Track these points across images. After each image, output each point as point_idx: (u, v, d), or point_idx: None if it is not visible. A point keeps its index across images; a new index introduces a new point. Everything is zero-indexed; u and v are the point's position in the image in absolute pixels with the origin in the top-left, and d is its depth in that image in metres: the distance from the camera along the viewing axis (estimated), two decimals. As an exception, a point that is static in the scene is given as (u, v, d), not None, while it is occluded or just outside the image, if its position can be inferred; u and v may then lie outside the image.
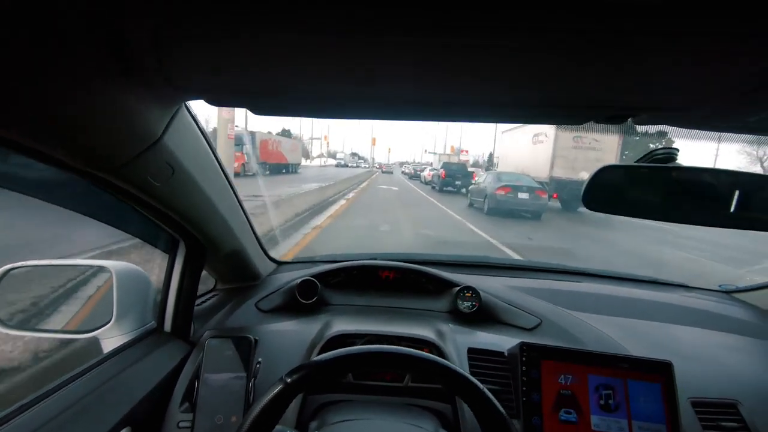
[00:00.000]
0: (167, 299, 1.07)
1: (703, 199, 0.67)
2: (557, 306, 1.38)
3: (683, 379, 0.97)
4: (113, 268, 1.01)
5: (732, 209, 0.63)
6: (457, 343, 1.11)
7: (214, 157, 0.90)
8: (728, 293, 1.62)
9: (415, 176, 37.09)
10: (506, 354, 1.07)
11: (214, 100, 0.58)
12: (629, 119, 0.50)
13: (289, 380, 0.65)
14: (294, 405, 0.96)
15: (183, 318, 1.09)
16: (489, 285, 1.44)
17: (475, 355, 1.08)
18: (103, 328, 1.00)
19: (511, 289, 1.45)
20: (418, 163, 66.43)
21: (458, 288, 1.37)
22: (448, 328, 1.20)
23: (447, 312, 1.37)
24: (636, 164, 0.69)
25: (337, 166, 50.46)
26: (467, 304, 1.35)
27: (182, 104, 0.67)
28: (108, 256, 2.70)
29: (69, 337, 1.00)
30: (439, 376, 0.67)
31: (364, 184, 22.41)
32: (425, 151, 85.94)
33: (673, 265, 7.01)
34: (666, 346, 1.23)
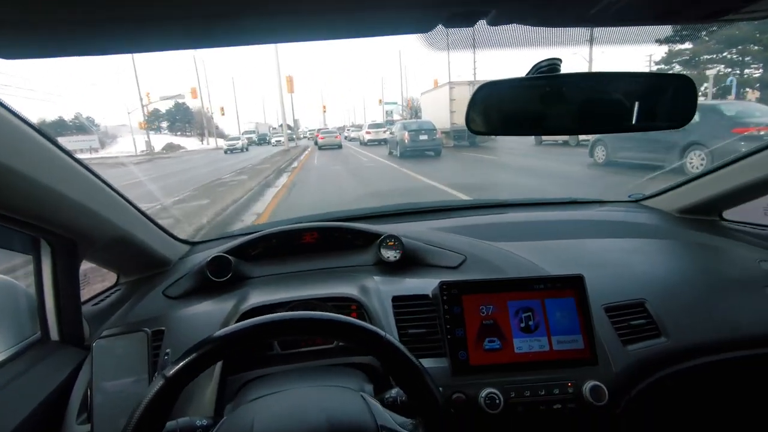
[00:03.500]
0: (44, 305, 0.94)
1: (590, 106, 0.64)
2: (482, 240, 1.39)
3: (596, 288, 1.00)
4: None
5: (618, 111, 0.61)
6: (381, 294, 1.08)
7: (23, 126, 0.73)
8: (637, 202, 1.72)
9: None
10: (431, 295, 1.06)
11: None
12: (482, 19, 0.44)
13: (168, 374, 0.58)
14: (211, 387, 0.89)
15: (70, 322, 0.96)
16: (413, 230, 1.41)
17: (400, 302, 1.06)
18: None
19: (435, 231, 1.44)
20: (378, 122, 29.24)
21: (381, 238, 1.33)
22: (373, 281, 1.16)
23: (373, 264, 1.34)
24: (517, 77, 0.65)
25: (227, 151, 29.81)
26: (392, 252, 1.32)
27: None
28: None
29: None
30: (336, 334, 0.63)
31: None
32: (380, 102, 54.27)
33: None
34: (581, 260, 1.28)
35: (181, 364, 0.58)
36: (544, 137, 16.31)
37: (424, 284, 1.12)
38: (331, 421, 0.64)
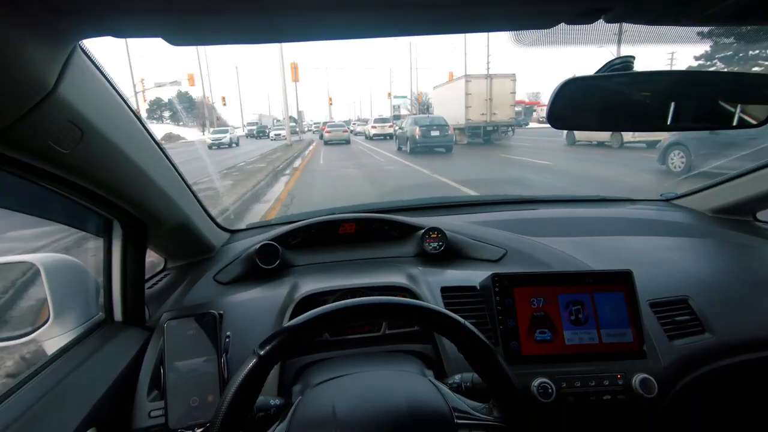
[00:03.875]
0: (111, 286, 0.97)
1: (667, 102, 0.66)
2: (519, 234, 1.41)
3: (641, 284, 1.02)
4: (39, 262, 0.88)
5: (696, 110, 0.63)
6: (430, 284, 1.11)
7: (131, 114, 0.77)
8: (668, 201, 1.73)
9: None
10: (479, 287, 1.08)
11: (118, 31, 0.45)
12: (601, 17, 0.45)
13: (261, 352, 0.61)
14: (273, 372, 0.92)
15: (134, 304, 0.99)
16: (451, 223, 1.43)
17: (448, 293, 1.08)
18: (42, 329, 0.89)
19: (473, 225, 1.46)
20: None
21: (423, 230, 1.35)
22: (418, 270, 1.19)
23: (414, 256, 1.36)
24: (598, 74, 0.66)
25: (213, 146, 25.22)
26: (434, 245, 1.34)
27: (75, 45, 0.54)
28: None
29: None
30: (418, 319, 0.65)
31: None
32: (389, 95, 55.08)
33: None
34: (622, 256, 1.30)
35: (274, 342, 0.61)
36: (577, 137, 15.54)
37: (469, 276, 1.14)
38: (410, 404, 0.67)
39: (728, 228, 1.48)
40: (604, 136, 14.36)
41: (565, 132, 15.86)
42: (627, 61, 0.70)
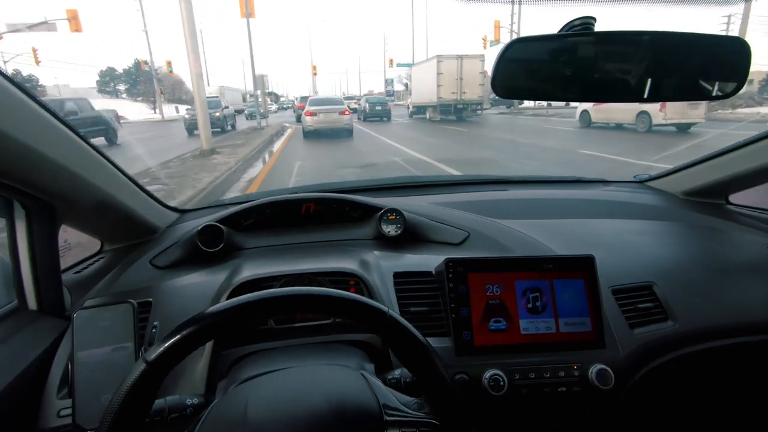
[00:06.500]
0: (21, 271, 0.87)
1: (628, 68, 0.58)
2: (484, 216, 1.34)
3: (605, 269, 0.97)
4: None
5: (658, 75, 0.55)
6: (382, 270, 1.03)
7: (18, 92, 0.67)
8: (642, 182, 1.68)
9: None
10: (434, 272, 1.01)
11: None
12: None
13: (150, 358, 0.52)
14: (203, 362, 0.84)
15: (49, 290, 0.90)
16: (414, 204, 1.36)
17: (401, 279, 1.01)
18: None
19: (437, 206, 1.39)
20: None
21: (381, 211, 1.27)
22: (373, 255, 1.11)
23: (373, 239, 1.28)
24: (549, 34, 0.58)
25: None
26: (392, 227, 1.26)
27: None
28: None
29: None
30: (335, 311, 0.58)
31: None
32: (391, 62, 46.53)
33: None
34: (589, 240, 1.24)
35: (164, 346, 0.53)
36: (593, 117, 14.06)
37: (426, 260, 1.07)
38: (331, 402, 0.60)
39: (699, 211, 1.44)
40: (626, 117, 12.86)
41: (578, 112, 14.99)
42: (587, 23, 0.61)
